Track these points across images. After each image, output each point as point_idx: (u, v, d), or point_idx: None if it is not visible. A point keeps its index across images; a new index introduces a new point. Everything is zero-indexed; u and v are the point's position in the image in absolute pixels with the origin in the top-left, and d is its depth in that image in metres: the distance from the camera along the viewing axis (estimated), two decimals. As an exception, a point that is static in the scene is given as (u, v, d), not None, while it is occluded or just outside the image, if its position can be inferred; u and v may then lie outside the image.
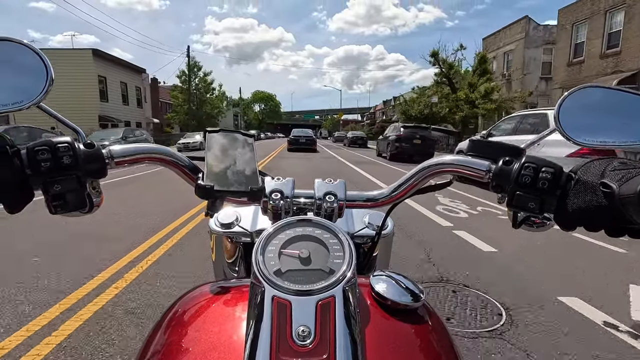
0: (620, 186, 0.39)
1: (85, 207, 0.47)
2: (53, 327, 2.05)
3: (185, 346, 0.41)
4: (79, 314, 2.20)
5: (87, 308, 2.27)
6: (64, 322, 2.10)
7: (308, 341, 0.34)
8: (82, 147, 0.47)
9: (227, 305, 0.46)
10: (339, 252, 0.42)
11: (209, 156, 0.53)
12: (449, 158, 0.54)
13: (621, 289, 2.68)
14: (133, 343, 1.93)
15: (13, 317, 2.15)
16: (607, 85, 0.51)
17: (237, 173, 0.53)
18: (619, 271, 3.03)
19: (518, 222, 0.49)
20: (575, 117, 0.49)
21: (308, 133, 22.08)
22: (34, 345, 1.88)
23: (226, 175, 0.52)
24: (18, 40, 0.48)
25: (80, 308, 2.27)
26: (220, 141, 0.56)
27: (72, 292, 2.47)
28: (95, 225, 3.98)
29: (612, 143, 0.48)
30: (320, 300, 0.37)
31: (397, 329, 0.43)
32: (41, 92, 0.46)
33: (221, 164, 0.53)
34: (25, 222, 3.92)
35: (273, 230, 0.44)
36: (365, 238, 0.72)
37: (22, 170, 0.43)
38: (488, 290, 2.60)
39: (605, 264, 3.20)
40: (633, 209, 0.37)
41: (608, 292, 2.64)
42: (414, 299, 0.45)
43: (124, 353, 1.84)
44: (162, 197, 5.93)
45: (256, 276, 0.39)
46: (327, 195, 0.56)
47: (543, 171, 0.45)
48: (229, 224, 0.73)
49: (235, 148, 0.56)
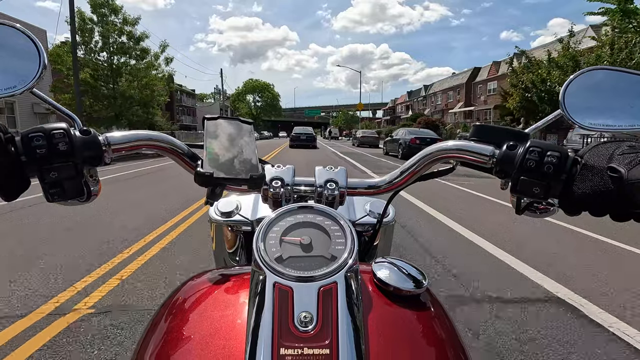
0: (629, 170, 0.38)
1: (83, 195, 0.47)
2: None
3: (187, 333, 0.40)
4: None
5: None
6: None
7: (310, 327, 0.34)
8: (78, 133, 0.46)
9: (229, 292, 0.46)
10: (340, 238, 0.41)
11: (208, 143, 0.52)
12: (452, 143, 0.53)
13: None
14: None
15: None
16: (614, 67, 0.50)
17: (237, 160, 0.52)
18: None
19: (522, 207, 0.49)
20: (581, 100, 0.48)
21: (308, 131, 25.41)
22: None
23: (225, 162, 0.51)
24: (10, 23, 0.46)
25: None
26: (219, 128, 0.55)
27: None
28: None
29: (619, 126, 0.47)
30: (322, 286, 0.37)
31: (400, 315, 0.43)
32: (34, 77, 0.45)
33: (220, 152, 0.52)
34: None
35: (274, 217, 0.44)
36: (366, 226, 0.71)
37: (17, 156, 0.42)
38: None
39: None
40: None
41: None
42: (416, 285, 0.44)
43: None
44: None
45: (257, 263, 0.39)
46: (328, 182, 0.55)
47: (548, 155, 0.44)
48: (229, 213, 0.72)
49: (235, 135, 0.55)
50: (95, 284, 2.49)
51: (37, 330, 1.93)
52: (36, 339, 1.86)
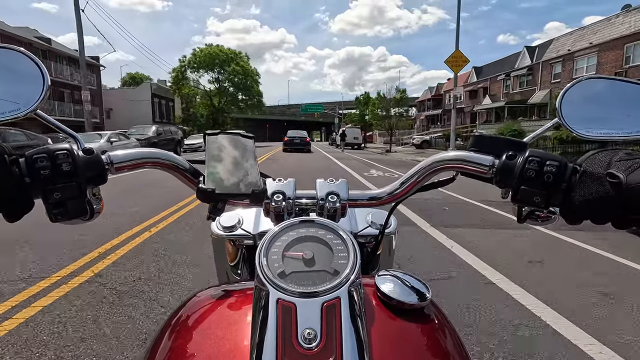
0: (627, 175, 0.38)
1: (86, 214, 0.47)
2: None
3: (190, 351, 0.40)
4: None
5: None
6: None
7: (314, 344, 0.34)
8: (81, 153, 0.46)
9: (232, 309, 0.46)
10: (343, 252, 0.41)
11: (210, 159, 0.53)
12: (452, 154, 0.53)
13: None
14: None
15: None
16: (610, 76, 0.51)
17: (238, 175, 0.52)
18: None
19: (523, 216, 0.49)
20: (578, 109, 0.49)
21: (303, 135, 24.22)
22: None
23: (227, 178, 0.52)
24: (14, 47, 0.47)
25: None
26: (220, 143, 0.55)
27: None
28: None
29: (615, 134, 0.48)
30: (325, 302, 0.37)
31: (404, 330, 0.43)
32: (38, 99, 0.46)
33: (222, 167, 0.52)
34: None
35: (276, 231, 0.44)
36: (368, 237, 0.71)
37: (21, 178, 0.43)
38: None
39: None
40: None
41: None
42: (420, 299, 0.44)
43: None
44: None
45: (260, 279, 0.39)
46: (330, 195, 0.55)
47: (547, 165, 0.44)
48: (231, 227, 0.72)
49: (236, 150, 0.55)
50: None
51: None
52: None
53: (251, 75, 43.66)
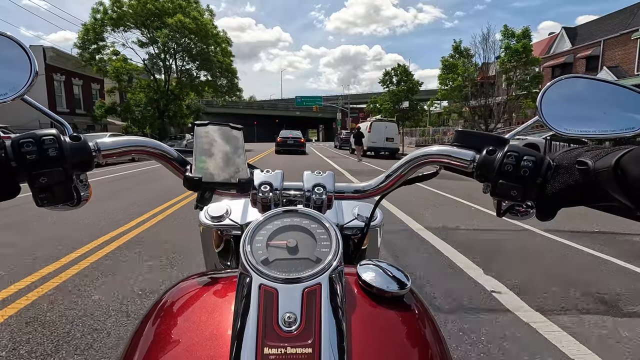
0: (595, 162, 0.40)
1: (73, 200, 0.47)
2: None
3: (174, 337, 0.41)
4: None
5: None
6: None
7: (294, 327, 0.35)
8: (68, 139, 0.47)
9: (216, 295, 0.47)
10: (325, 241, 0.42)
11: (197, 149, 0.53)
12: (435, 149, 0.55)
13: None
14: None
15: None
16: (589, 75, 0.52)
17: (226, 165, 0.53)
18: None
19: (502, 211, 0.50)
20: (558, 107, 0.50)
21: (296, 135, 21.65)
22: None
23: (214, 167, 0.52)
24: (1, 32, 0.47)
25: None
26: (208, 134, 0.56)
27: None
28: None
29: (593, 132, 0.49)
30: (306, 287, 0.38)
31: (383, 316, 0.44)
32: (25, 85, 0.46)
33: (209, 157, 0.53)
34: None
35: (261, 220, 0.45)
36: (354, 229, 0.73)
37: (7, 162, 0.43)
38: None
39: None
40: (609, 183, 0.38)
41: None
42: (400, 287, 0.45)
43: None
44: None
45: (244, 265, 0.40)
46: (316, 187, 0.56)
47: (525, 159, 0.45)
48: (219, 217, 0.73)
49: (224, 141, 0.56)
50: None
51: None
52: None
53: (214, 40, 25.78)
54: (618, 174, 0.37)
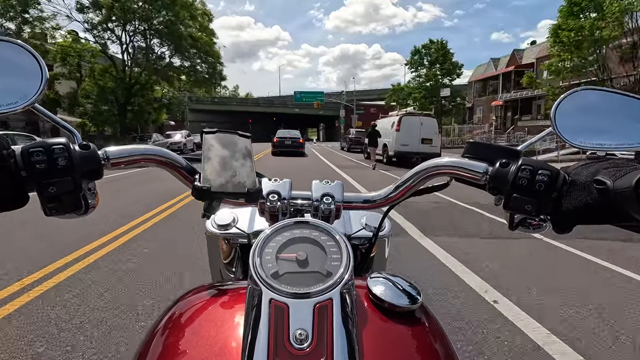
0: (614, 182, 0.39)
1: (81, 209, 0.47)
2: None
3: (182, 350, 0.40)
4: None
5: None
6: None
7: (305, 344, 0.34)
8: (78, 148, 0.46)
9: (225, 308, 0.46)
10: (336, 254, 0.42)
11: (206, 157, 0.53)
12: (447, 160, 0.54)
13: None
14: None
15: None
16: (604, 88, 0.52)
17: (234, 174, 0.52)
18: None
19: (515, 224, 0.50)
20: (572, 119, 0.50)
21: (295, 135, 19.74)
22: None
23: (223, 176, 0.52)
24: (13, 40, 0.47)
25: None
26: (217, 142, 0.55)
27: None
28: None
29: (609, 145, 0.49)
30: (317, 303, 0.37)
31: (395, 332, 0.43)
32: (36, 93, 0.46)
33: (218, 165, 0.53)
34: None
35: (270, 232, 0.44)
36: (362, 239, 0.72)
37: (17, 171, 0.42)
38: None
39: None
40: (630, 203, 0.37)
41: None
42: (411, 301, 0.45)
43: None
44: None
45: (253, 279, 0.39)
46: (325, 196, 0.55)
47: (540, 174, 0.45)
48: (225, 226, 0.72)
49: (232, 149, 0.55)
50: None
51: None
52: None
53: (187, 10, 19.96)
54: (639, 195, 0.36)
